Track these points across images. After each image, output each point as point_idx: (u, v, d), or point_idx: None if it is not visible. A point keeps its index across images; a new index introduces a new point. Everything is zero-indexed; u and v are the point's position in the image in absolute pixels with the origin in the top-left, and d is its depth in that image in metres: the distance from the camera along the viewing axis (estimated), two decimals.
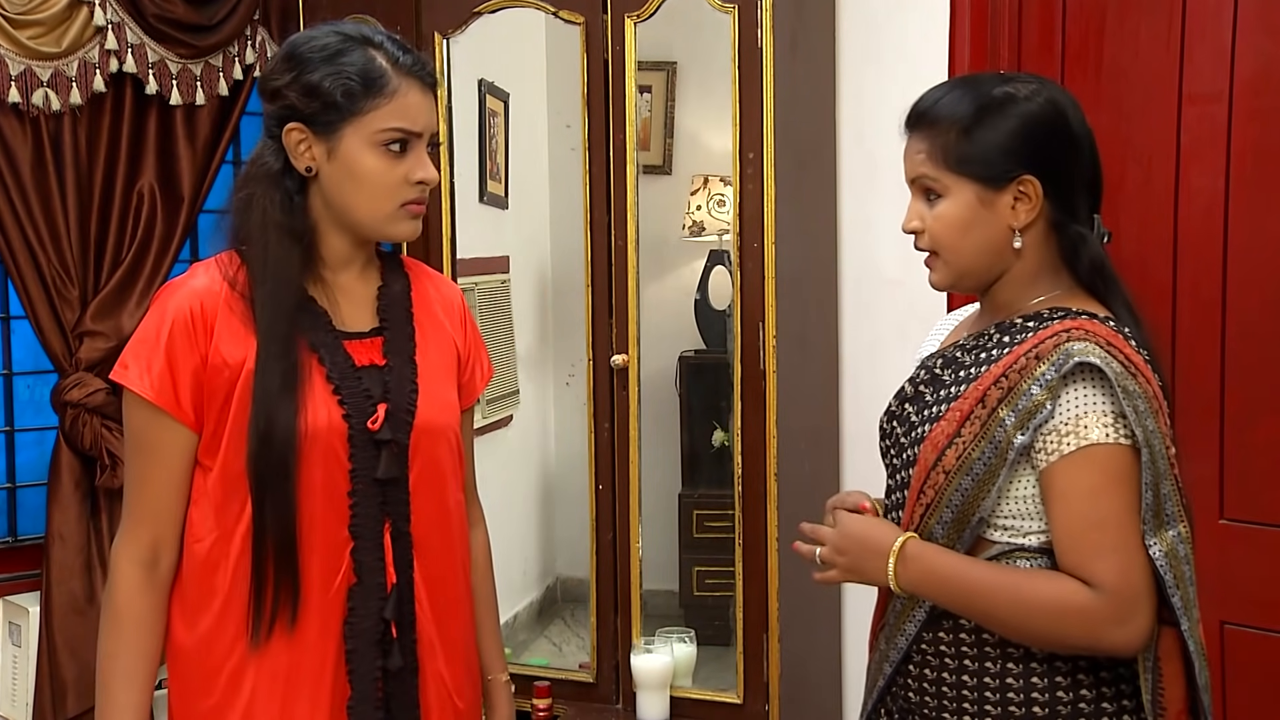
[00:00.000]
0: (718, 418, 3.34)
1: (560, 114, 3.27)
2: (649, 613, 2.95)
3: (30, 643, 3.00)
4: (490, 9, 2.93)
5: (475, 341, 1.87)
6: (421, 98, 1.67)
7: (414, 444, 1.69)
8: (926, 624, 1.58)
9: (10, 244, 2.92)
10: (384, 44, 1.67)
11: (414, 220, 1.70)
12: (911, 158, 1.60)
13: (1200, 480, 2.44)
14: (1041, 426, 1.48)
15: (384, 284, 1.77)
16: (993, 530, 1.54)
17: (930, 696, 1.58)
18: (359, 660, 1.65)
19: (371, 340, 1.71)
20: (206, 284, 1.68)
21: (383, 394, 1.67)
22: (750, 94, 2.68)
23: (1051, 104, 1.58)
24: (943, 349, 1.69)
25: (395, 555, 1.67)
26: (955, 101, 1.58)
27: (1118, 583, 1.45)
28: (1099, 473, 1.47)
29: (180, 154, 3.13)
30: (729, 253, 2.89)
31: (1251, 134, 2.38)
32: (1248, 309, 2.39)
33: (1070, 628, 1.47)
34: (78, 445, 2.99)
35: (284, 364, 1.62)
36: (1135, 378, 1.48)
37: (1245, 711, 2.40)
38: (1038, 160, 1.56)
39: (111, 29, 2.98)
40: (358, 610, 1.65)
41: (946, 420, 1.55)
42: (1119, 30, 2.54)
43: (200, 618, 1.66)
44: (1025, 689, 1.52)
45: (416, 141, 1.67)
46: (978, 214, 1.57)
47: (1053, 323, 1.55)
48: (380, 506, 1.66)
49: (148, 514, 1.66)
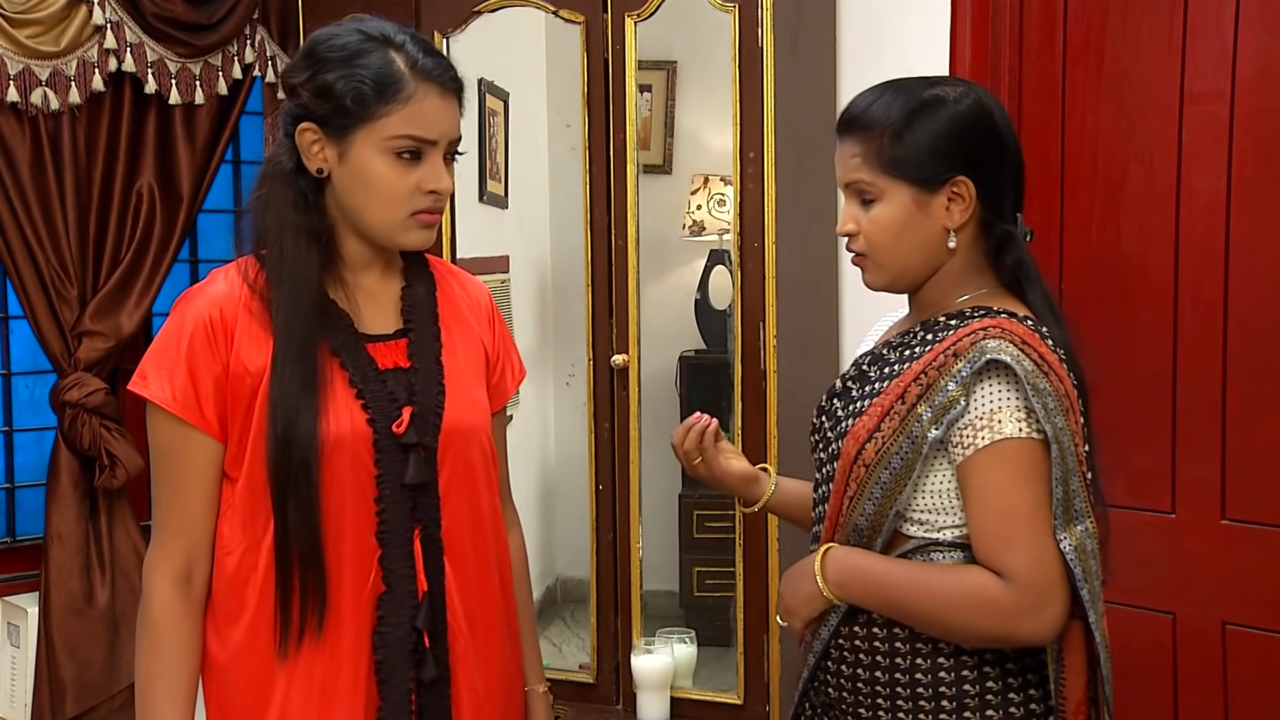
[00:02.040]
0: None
1: (560, 113, 3.28)
2: (649, 613, 2.95)
3: (29, 643, 3.00)
4: (490, 8, 2.93)
5: (504, 341, 1.81)
6: (441, 104, 1.60)
7: (443, 447, 1.64)
8: (844, 619, 1.61)
9: (9, 244, 2.91)
10: (406, 45, 1.60)
11: (426, 230, 1.65)
12: (846, 162, 1.62)
13: (1201, 480, 2.44)
14: (956, 422, 1.51)
15: (407, 285, 1.71)
16: (909, 525, 1.57)
17: (847, 692, 1.61)
18: (390, 670, 1.60)
19: (396, 343, 1.66)
20: (226, 290, 1.63)
21: (409, 397, 1.63)
22: (751, 93, 2.68)
23: (979, 105, 1.60)
24: (875, 347, 1.73)
25: (426, 562, 1.62)
26: (886, 106, 1.60)
27: (1028, 574, 1.48)
28: (1011, 466, 1.49)
29: (179, 153, 3.13)
30: (729, 252, 2.89)
31: (1253, 133, 2.38)
32: (1249, 309, 2.38)
33: (983, 619, 1.50)
34: (76, 445, 2.98)
35: (302, 367, 1.57)
36: (1047, 376, 1.51)
37: (1246, 712, 2.40)
38: (969, 161, 1.58)
39: (110, 28, 2.97)
40: (388, 619, 1.60)
41: (868, 415, 1.58)
42: (1120, 29, 2.54)
43: (231, 631, 1.61)
44: (934, 682, 1.55)
45: (431, 149, 1.60)
46: (913, 216, 1.59)
47: (973, 320, 1.58)
48: (410, 512, 1.61)
49: (179, 529, 1.61)
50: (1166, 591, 2.46)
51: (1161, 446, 2.48)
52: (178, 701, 1.60)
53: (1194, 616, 2.46)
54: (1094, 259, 2.58)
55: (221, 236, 3.44)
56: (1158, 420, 2.49)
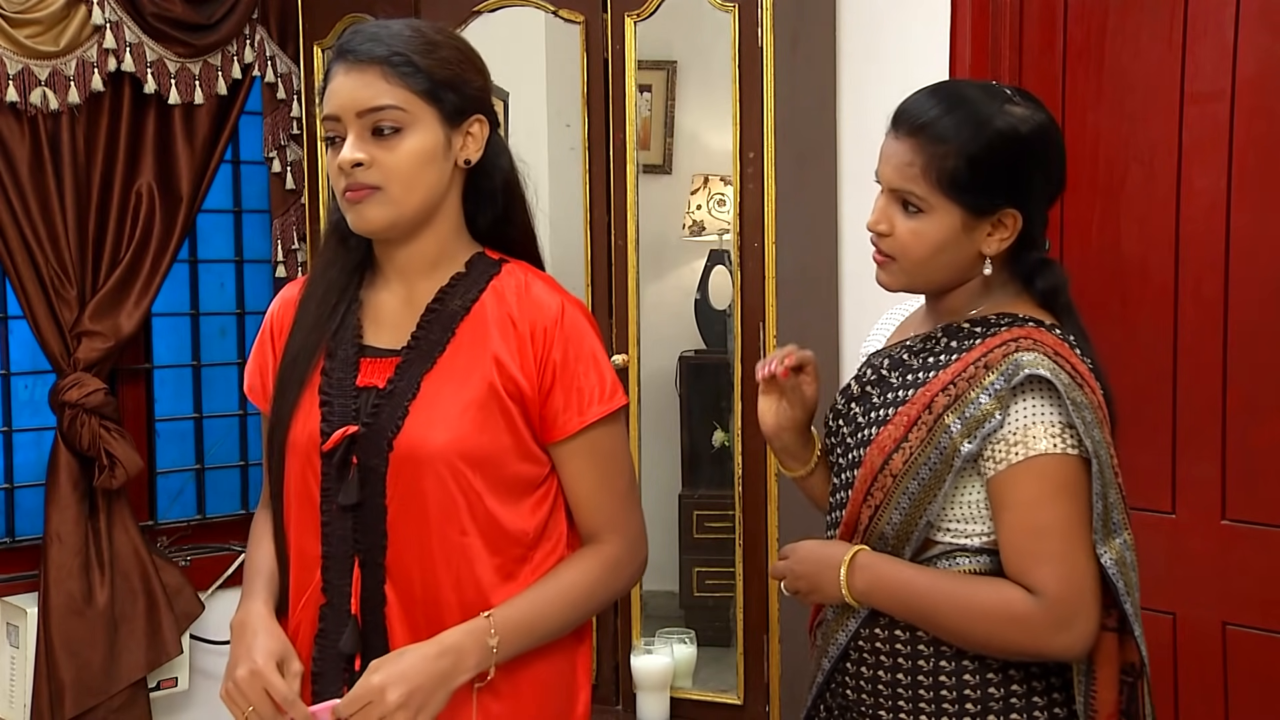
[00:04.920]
0: (718, 418, 3.33)
1: (560, 113, 3.27)
2: (649, 614, 2.95)
3: (28, 644, 2.99)
4: (489, 8, 2.93)
5: (563, 369, 1.61)
6: (344, 78, 1.56)
7: (393, 471, 1.56)
8: (865, 622, 1.60)
9: (8, 244, 2.91)
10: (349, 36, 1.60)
11: (355, 208, 1.57)
12: (901, 168, 1.56)
13: (1201, 480, 2.44)
14: (990, 436, 1.50)
15: (439, 298, 1.62)
16: (938, 532, 1.56)
17: (867, 694, 1.60)
18: (324, 683, 1.59)
19: (390, 360, 1.61)
20: (294, 288, 1.72)
21: (366, 416, 1.58)
22: (751, 93, 2.68)
23: (1043, 132, 1.57)
24: (888, 347, 1.70)
25: (365, 587, 1.57)
26: (958, 123, 1.54)
27: (1059, 590, 1.47)
28: (1044, 482, 1.48)
29: (179, 153, 3.13)
30: (729, 252, 2.89)
31: (1253, 133, 2.37)
32: (1250, 309, 2.38)
33: (1012, 634, 1.49)
34: (76, 445, 2.98)
35: (296, 368, 1.62)
36: (1082, 388, 1.50)
37: (1246, 712, 2.39)
38: (1023, 194, 1.56)
39: (110, 28, 2.97)
40: (328, 633, 1.59)
41: (894, 424, 1.56)
42: (1121, 29, 2.54)
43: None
44: (958, 686, 1.54)
45: (346, 125, 1.55)
46: (956, 237, 1.56)
47: (1000, 329, 1.56)
48: (352, 533, 1.58)
49: (267, 496, 1.73)
50: (1166, 592, 2.45)
51: (1161, 447, 2.48)
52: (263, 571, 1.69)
53: (1194, 617, 2.45)
54: (1094, 259, 2.58)
55: (221, 237, 3.43)
56: (1158, 420, 2.48)
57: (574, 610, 1.63)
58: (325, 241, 1.69)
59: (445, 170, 1.60)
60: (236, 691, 1.53)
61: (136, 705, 3.05)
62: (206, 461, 3.41)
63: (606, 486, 1.66)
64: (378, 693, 1.47)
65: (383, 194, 1.56)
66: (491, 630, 1.54)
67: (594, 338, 1.66)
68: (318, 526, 1.60)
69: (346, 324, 1.64)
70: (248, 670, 1.53)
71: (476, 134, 1.63)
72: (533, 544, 1.62)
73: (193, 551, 3.29)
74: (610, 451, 1.66)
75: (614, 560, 1.66)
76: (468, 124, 1.61)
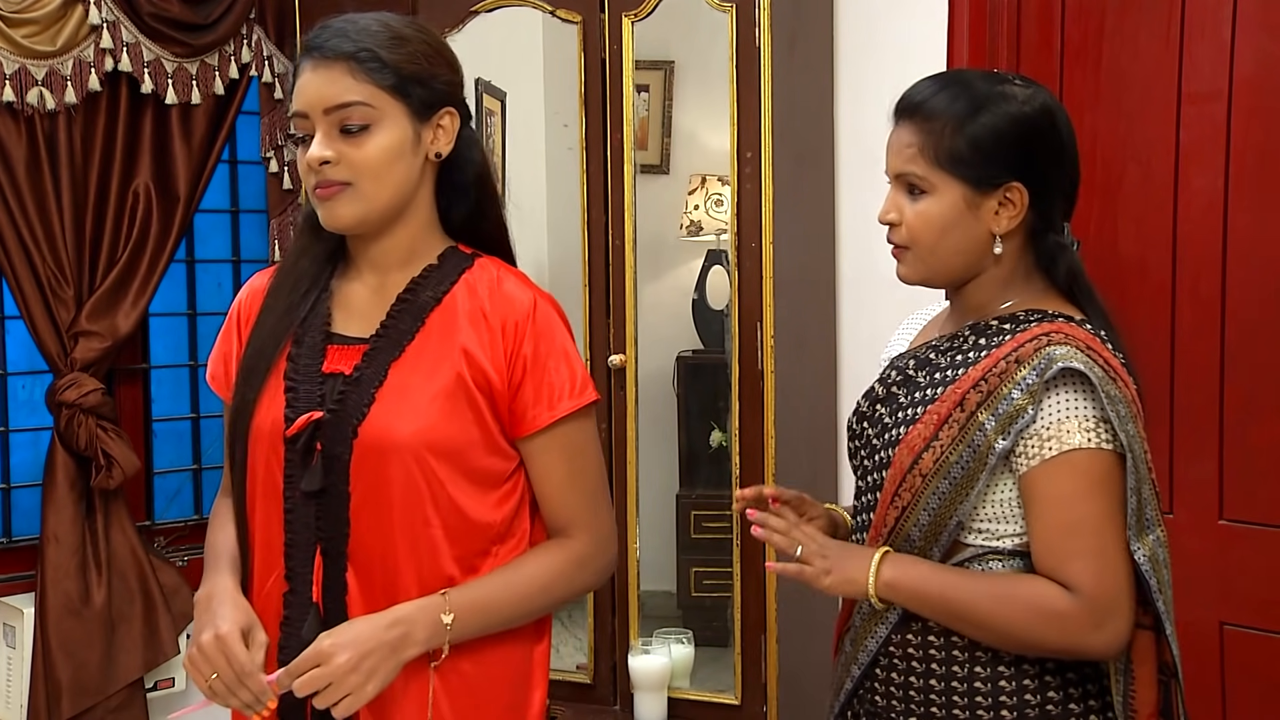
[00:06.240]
0: (716, 418, 3.33)
1: (558, 113, 3.26)
2: (646, 614, 2.94)
3: (25, 644, 2.99)
4: (487, 8, 2.93)
5: (534, 363, 1.61)
6: (310, 75, 1.56)
7: (357, 459, 1.56)
8: (896, 627, 1.57)
9: (5, 244, 2.90)
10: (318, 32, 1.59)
11: (325, 205, 1.57)
12: (900, 151, 1.58)
13: (1200, 480, 2.44)
14: (1023, 431, 1.48)
15: (410, 289, 1.63)
16: (968, 534, 1.54)
17: (898, 700, 1.58)
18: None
19: (358, 347, 1.61)
20: (263, 278, 1.72)
21: (331, 402, 1.58)
22: (748, 93, 2.68)
23: (1044, 110, 1.57)
24: (913, 349, 1.69)
25: (327, 574, 1.57)
26: (951, 99, 1.56)
27: (1094, 586, 1.45)
28: (1078, 477, 1.47)
29: (176, 153, 3.12)
30: (727, 252, 2.88)
31: (1251, 133, 2.37)
32: (1247, 308, 2.38)
33: (1048, 631, 1.48)
34: (72, 446, 2.97)
35: (264, 354, 1.62)
36: (1115, 382, 1.49)
37: (1245, 712, 2.39)
38: (1026, 167, 1.55)
39: (106, 28, 2.97)
40: (292, 620, 1.59)
41: (923, 423, 1.54)
42: (1118, 29, 2.54)
43: None
44: (993, 692, 1.52)
45: (314, 122, 1.55)
46: (961, 215, 1.56)
47: (1029, 325, 1.55)
48: (315, 520, 1.58)
49: (228, 484, 1.71)
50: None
51: (1159, 447, 2.47)
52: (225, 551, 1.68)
53: (1192, 617, 2.45)
54: (1092, 258, 2.54)
55: (218, 236, 3.43)
56: (1155, 420, 2.46)
57: (532, 600, 1.63)
58: (298, 232, 1.70)
59: (415, 164, 1.60)
60: (200, 657, 1.52)
61: (133, 705, 3.05)
62: (204, 462, 3.41)
63: (576, 483, 1.65)
64: (327, 656, 1.48)
65: (353, 190, 1.56)
66: (446, 608, 1.55)
67: (565, 333, 1.66)
68: (281, 514, 1.60)
69: (316, 312, 1.64)
70: (212, 635, 1.52)
71: (447, 126, 1.62)
72: (497, 538, 1.62)
73: (190, 552, 3.29)
74: (580, 447, 1.66)
75: (579, 556, 1.66)
76: (437, 117, 1.61)
